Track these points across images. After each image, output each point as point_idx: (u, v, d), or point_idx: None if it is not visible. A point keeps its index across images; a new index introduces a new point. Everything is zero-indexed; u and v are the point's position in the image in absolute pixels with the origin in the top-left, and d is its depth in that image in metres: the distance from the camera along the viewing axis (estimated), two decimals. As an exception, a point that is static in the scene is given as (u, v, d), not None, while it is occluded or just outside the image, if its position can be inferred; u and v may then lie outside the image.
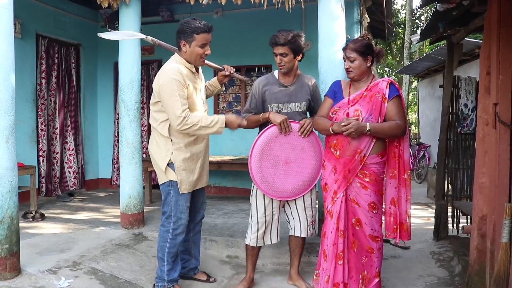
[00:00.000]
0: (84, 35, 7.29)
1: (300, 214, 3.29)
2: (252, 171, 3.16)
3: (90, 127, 7.58)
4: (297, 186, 3.19)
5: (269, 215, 3.26)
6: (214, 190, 7.13)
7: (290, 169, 3.17)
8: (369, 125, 2.78)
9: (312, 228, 3.34)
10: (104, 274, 3.56)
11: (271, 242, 3.34)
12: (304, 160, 3.18)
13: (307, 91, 3.31)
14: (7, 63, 3.30)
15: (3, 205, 3.29)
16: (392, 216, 3.01)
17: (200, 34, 2.98)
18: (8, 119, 3.31)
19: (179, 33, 3.04)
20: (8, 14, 3.30)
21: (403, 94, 16.89)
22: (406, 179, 2.97)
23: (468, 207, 4.09)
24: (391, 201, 3.00)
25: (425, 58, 8.66)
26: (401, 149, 2.95)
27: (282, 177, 3.16)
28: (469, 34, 4.45)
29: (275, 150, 3.15)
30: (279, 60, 3.17)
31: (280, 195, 3.20)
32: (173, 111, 2.91)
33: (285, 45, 3.11)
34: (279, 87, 3.28)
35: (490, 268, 2.76)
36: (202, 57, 3.08)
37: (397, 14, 19.01)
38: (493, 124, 2.76)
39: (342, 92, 3.04)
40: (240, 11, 6.25)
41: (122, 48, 4.69)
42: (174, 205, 3.14)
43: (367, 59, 2.94)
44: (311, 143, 3.20)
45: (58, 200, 6.47)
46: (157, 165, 3.15)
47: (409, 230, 3.00)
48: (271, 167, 3.15)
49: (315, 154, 3.20)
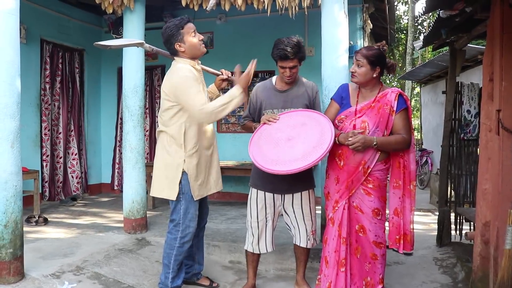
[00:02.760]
0: (88, 40, 7.31)
1: (299, 223, 3.22)
2: (256, 159, 2.88)
3: (93, 132, 7.61)
4: (308, 152, 2.75)
5: (262, 221, 3.21)
6: (217, 196, 7.06)
7: (295, 143, 2.85)
8: (376, 139, 2.74)
9: (313, 238, 3.24)
10: (107, 279, 3.57)
11: (267, 250, 3.26)
12: (309, 130, 2.88)
13: (305, 97, 3.22)
14: (13, 68, 3.32)
15: (7, 209, 3.30)
16: (394, 227, 2.96)
17: (184, 26, 3.01)
18: (13, 124, 3.32)
19: (168, 40, 3.04)
20: (15, 20, 3.33)
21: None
22: (411, 189, 2.90)
23: (471, 213, 4.08)
24: (394, 212, 2.95)
25: (427, 64, 8.66)
26: (406, 160, 2.88)
27: (289, 150, 2.83)
28: (472, 40, 4.46)
29: (273, 135, 2.96)
30: (289, 73, 3.09)
31: (291, 165, 2.72)
32: (193, 102, 2.88)
33: (295, 58, 3.04)
34: (274, 93, 3.25)
35: (494, 275, 2.75)
36: (200, 44, 3.09)
37: (399, 20, 19.03)
38: (496, 130, 2.76)
39: (349, 98, 2.99)
40: (243, 17, 6.28)
41: (126, 53, 4.72)
42: (184, 213, 3.11)
43: (375, 70, 2.87)
44: (311, 117, 2.98)
45: (61, 205, 6.48)
46: (168, 176, 3.08)
47: (412, 241, 2.94)
48: (272, 148, 2.89)
49: (319, 123, 2.89)
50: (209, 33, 6.98)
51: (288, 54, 3.00)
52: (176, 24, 3.00)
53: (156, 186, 3.19)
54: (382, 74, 2.96)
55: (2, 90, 3.25)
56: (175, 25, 3.00)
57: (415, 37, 16.30)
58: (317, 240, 3.31)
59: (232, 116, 7.13)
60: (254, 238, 3.24)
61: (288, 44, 3.00)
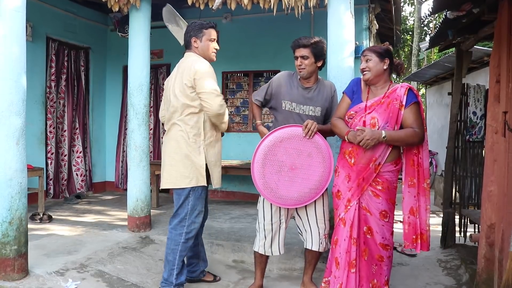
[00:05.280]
0: (94, 38, 7.37)
1: (312, 226, 3.19)
2: (255, 177, 3.02)
3: (98, 130, 7.63)
4: (303, 194, 3.01)
5: (276, 223, 3.19)
6: (220, 195, 7.14)
7: (295, 176, 3.00)
8: (385, 132, 2.72)
9: (325, 241, 3.20)
10: (111, 277, 3.57)
11: (280, 253, 3.24)
12: (312, 167, 3.00)
13: (325, 98, 3.23)
14: (19, 65, 3.33)
15: (12, 206, 3.31)
16: (411, 226, 2.90)
17: (208, 29, 3.23)
18: (19, 121, 3.33)
19: (189, 32, 3.24)
20: (21, 17, 3.33)
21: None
22: (426, 187, 2.87)
23: (476, 215, 4.07)
24: (410, 211, 2.90)
25: (433, 65, 8.63)
26: (420, 157, 2.85)
27: (287, 184, 3.00)
28: (479, 42, 4.43)
29: (279, 155, 3.01)
30: (300, 62, 3.14)
31: (285, 202, 3.03)
32: (214, 88, 3.05)
33: (307, 47, 3.12)
34: (297, 87, 3.24)
35: (498, 277, 2.74)
36: (213, 51, 3.27)
37: (405, 21, 18.99)
38: (502, 132, 2.75)
39: (361, 93, 2.96)
40: (249, 16, 6.29)
41: (132, 51, 4.74)
42: (191, 209, 3.14)
43: (384, 61, 2.88)
44: (319, 149, 3.01)
45: (66, 202, 6.51)
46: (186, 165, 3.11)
47: (428, 241, 2.90)
48: (275, 173, 3.00)
49: (324, 161, 3.01)
50: (214, 32, 6.98)
51: (299, 41, 3.15)
52: (203, 23, 3.25)
53: (173, 177, 3.15)
54: (391, 71, 2.96)
55: (8, 87, 3.26)
56: (201, 23, 3.25)
57: (421, 38, 16.25)
58: (328, 244, 3.23)
59: (236, 115, 7.14)
60: (267, 241, 3.21)
61: (304, 37, 3.20)
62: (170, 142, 3.18)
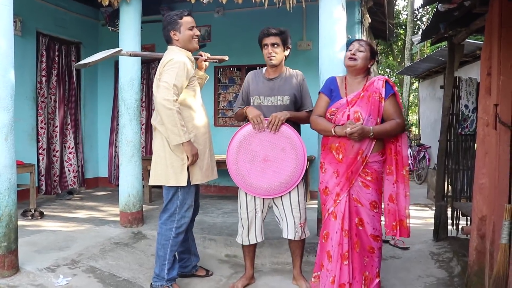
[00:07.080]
0: (85, 33, 7.30)
1: (287, 215, 3.23)
2: (229, 162, 3.17)
3: (90, 126, 7.58)
4: (272, 186, 3.13)
5: (252, 212, 3.24)
6: (213, 189, 7.13)
7: (267, 167, 3.11)
8: (372, 129, 2.79)
9: (301, 230, 3.25)
10: (102, 273, 3.55)
11: (256, 241, 3.30)
12: (284, 161, 3.10)
13: (293, 86, 3.28)
14: (7, 60, 3.29)
15: (1, 202, 3.28)
16: (390, 213, 2.98)
17: (183, 18, 3.15)
18: (7, 116, 3.30)
19: (165, 27, 3.17)
20: (8, 11, 3.29)
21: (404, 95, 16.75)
22: (405, 175, 2.95)
23: (468, 208, 4.08)
24: (389, 198, 2.98)
25: (426, 59, 8.65)
26: (399, 145, 2.94)
27: (258, 173, 3.12)
28: (470, 35, 4.44)
29: (254, 145, 3.13)
30: (270, 50, 3.21)
31: (255, 191, 3.16)
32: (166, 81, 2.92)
33: (277, 36, 3.21)
34: (262, 80, 3.33)
35: (489, 269, 2.75)
36: (194, 38, 3.20)
37: (398, 15, 19.00)
38: (493, 125, 2.75)
39: (339, 90, 3.03)
40: (241, 10, 6.24)
41: (122, 46, 4.68)
42: (181, 203, 3.13)
43: (371, 61, 3.02)
44: (293, 145, 3.10)
45: (58, 199, 6.47)
46: (173, 164, 3.06)
47: (408, 228, 2.96)
48: (247, 162, 3.13)
49: (297, 157, 3.10)
50: (206, 26, 6.95)
51: (269, 30, 3.23)
52: (177, 14, 3.16)
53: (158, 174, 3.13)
54: (371, 66, 3.10)
55: (-5, 82, 3.22)
56: (175, 14, 3.16)
57: (414, 32, 16.27)
58: (306, 232, 3.30)
59: (229, 110, 7.11)
60: (244, 230, 3.29)
61: (272, 27, 3.25)
62: (156, 138, 3.18)
